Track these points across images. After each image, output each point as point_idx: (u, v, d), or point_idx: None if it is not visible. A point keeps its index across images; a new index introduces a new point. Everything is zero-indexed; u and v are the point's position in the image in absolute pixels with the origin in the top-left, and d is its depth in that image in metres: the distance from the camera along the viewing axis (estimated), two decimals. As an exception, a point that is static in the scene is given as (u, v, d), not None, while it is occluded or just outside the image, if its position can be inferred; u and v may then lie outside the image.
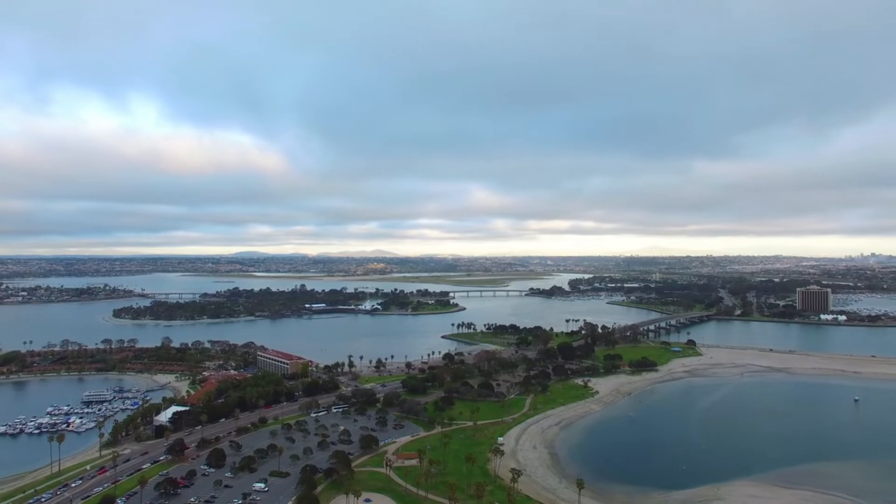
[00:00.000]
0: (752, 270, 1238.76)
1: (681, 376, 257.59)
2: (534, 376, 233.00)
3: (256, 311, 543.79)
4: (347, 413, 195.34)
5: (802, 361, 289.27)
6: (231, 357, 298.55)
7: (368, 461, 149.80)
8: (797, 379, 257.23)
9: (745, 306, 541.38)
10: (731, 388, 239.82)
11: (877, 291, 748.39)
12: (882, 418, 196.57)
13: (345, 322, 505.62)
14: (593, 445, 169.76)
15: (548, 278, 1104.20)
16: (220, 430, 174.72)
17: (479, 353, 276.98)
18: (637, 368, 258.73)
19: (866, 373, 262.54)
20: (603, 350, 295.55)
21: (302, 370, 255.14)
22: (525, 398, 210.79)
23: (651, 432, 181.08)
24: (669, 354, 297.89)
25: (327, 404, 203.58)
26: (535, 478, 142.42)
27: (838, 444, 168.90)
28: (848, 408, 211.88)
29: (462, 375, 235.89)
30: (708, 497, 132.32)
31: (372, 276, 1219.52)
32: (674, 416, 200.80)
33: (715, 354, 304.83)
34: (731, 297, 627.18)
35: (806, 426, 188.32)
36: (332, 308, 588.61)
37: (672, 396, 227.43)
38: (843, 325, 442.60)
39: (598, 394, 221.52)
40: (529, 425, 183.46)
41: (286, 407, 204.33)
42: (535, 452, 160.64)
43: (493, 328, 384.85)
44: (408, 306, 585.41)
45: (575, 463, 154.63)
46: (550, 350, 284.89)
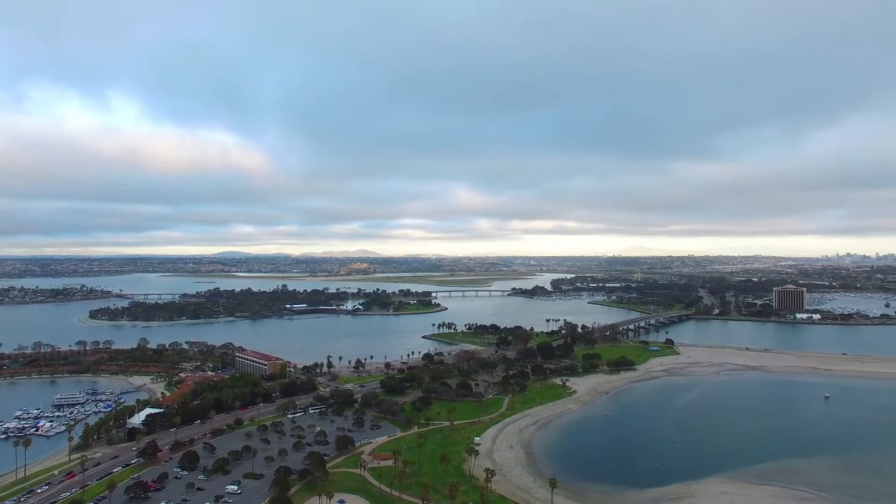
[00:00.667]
0: (731, 270, 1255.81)
1: (658, 375, 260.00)
2: (512, 376, 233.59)
3: (237, 312, 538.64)
4: (324, 414, 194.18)
5: (777, 360, 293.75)
6: (209, 358, 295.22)
7: (344, 462, 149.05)
8: (771, 377, 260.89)
9: (724, 305, 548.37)
10: (707, 386, 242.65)
11: (850, 290, 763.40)
12: (850, 414, 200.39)
13: (326, 322, 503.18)
14: (570, 445, 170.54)
15: (531, 278, 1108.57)
16: (195, 432, 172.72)
17: (458, 353, 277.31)
18: (615, 368, 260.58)
19: (837, 370, 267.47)
20: (582, 349, 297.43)
21: (280, 371, 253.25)
22: (503, 398, 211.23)
23: (627, 431, 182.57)
24: (648, 354, 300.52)
25: (304, 405, 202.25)
26: (511, 477, 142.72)
27: (808, 441, 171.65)
28: (819, 405, 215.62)
29: (441, 376, 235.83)
30: (681, 494, 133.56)
31: (355, 277, 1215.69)
32: (650, 414, 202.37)
33: (692, 353, 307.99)
34: (710, 297, 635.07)
35: (778, 423, 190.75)
36: (313, 308, 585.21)
37: (649, 395, 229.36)
38: (818, 324, 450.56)
39: (576, 393, 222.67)
40: (507, 425, 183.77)
41: (263, 408, 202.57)
42: (511, 452, 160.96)
43: (473, 328, 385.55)
44: (389, 306, 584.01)
45: (551, 462, 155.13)
46: (530, 350, 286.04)
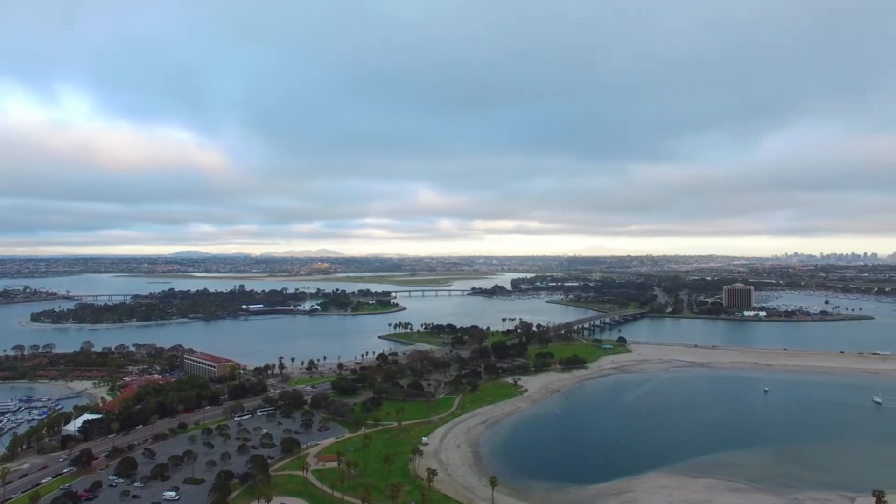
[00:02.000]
0: (687, 269, 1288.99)
1: (609, 373, 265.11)
2: (464, 375, 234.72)
3: (190, 313, 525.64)
4: (273, 416, 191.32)
5: (723, 356, 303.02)
6: (157, 361, 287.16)
7: (289, 464, 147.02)
8: (717, 372, 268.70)
9: (677, 304, 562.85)
10: (655, 383, 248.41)
11: (795, 288, 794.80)
12: (786, 407, 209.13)
13: (282, 323, 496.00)
14: (517, 443, 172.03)
15: (491, 278, 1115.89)
16: (136, 437, 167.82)
17: (411, 353, 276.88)
18: (567, 366, 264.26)
19: (777, 365, 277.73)
20: (536, 348, 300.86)
21: (230, 373, 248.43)
22: (454, 397, 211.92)
23: (575, 428, 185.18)
24: (600, 352, 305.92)
25: (253, 407, 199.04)
26: (456, 476, 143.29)
27: (745, 434, 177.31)
28: (758, 398, 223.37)
29: (393, 376, 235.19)
30: (621, 490, 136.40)
31: (315, 277, 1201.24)
32: (598, 411, 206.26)
33: (643, 351, 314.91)
34: (664, 296, 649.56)
35: (719, 417, 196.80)
36: (269, 309, 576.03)
37: (599, 393, 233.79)
38: (763, 321, 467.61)
39: (527, 392, 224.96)
40: (456, 424, 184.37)
41: (210, 411, 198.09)
42: (458, 451, 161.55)
43: (429, 328, 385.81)
44: (348, 307, 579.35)
45: (497, 461, 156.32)
46: (484, 349, 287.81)
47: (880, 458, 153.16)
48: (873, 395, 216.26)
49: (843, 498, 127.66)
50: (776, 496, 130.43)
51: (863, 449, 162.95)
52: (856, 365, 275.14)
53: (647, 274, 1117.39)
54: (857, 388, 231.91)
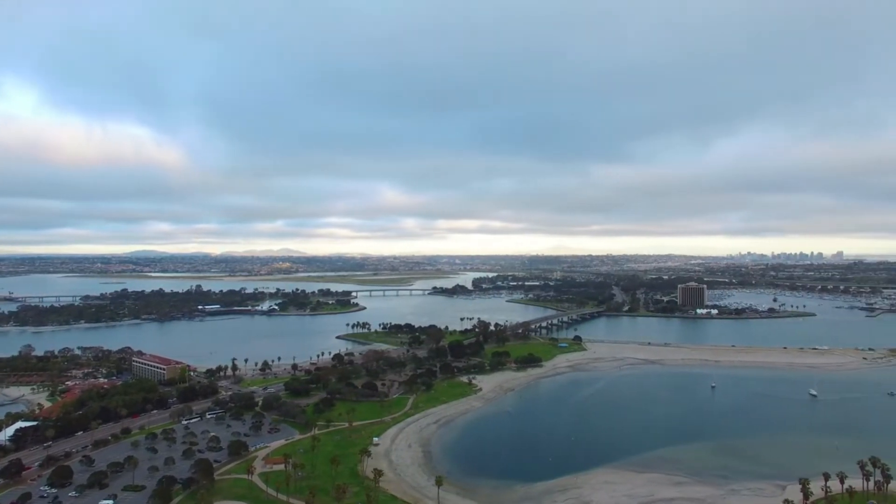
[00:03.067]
0: (645, 268, 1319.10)
1: (563, 371, 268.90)
2: (419, 375, 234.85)
3: (143, 314, 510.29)
4: (222, 418, 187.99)
5: (674, 353, 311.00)
6: (103, 364, 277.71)
7: (235, 468, 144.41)
8: (667, 369, 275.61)
9: (633, 302, 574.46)
10: (607, 380, 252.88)
11: (747, 287, 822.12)
12: (731, 402, 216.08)
13: (239, 323, 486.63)
14: (468, 442, 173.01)
15: (453, 277, 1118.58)
16: (74, 444, 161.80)
17: (366, 353, 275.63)
18: (522, 365, 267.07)
19: (725, 361, 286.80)
20: (492, 347, 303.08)
21: (180, 375, 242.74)
22: (408, 397, 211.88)
23: (526, 427, 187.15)
24: (556, 350, 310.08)
25: (202, 410, 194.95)
26: (405, 477, 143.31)
27: (691, 428, 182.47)
28: (706, 394, 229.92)
29: (348, 376, 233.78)
30: (567, 486, 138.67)
31: (276, 276, 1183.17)
32: (551, 410, 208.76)
33: (598, 349, 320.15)
34: (622, 294, 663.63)
35: (666, 413, 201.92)
36: (226, 309, 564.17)
37: (552, 391, 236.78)
38: (715, 319, 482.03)
39: (482, 391, 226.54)
40: (408, 424, 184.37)
41: (156, 415, 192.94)
42: (409, 451, 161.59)
43: (388, 328, 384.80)
44: (307, 307, 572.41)
45: (447, 460, 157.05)
46: (441, 349, 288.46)
47: (811, 448, 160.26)
48: (809, 388, 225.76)
49: (775, 486, 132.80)
50: (715, 488, 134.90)
51: (796, 440, 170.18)
52: (796, 360, 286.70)
53: (606, 273, 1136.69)
54: (795, 382, 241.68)
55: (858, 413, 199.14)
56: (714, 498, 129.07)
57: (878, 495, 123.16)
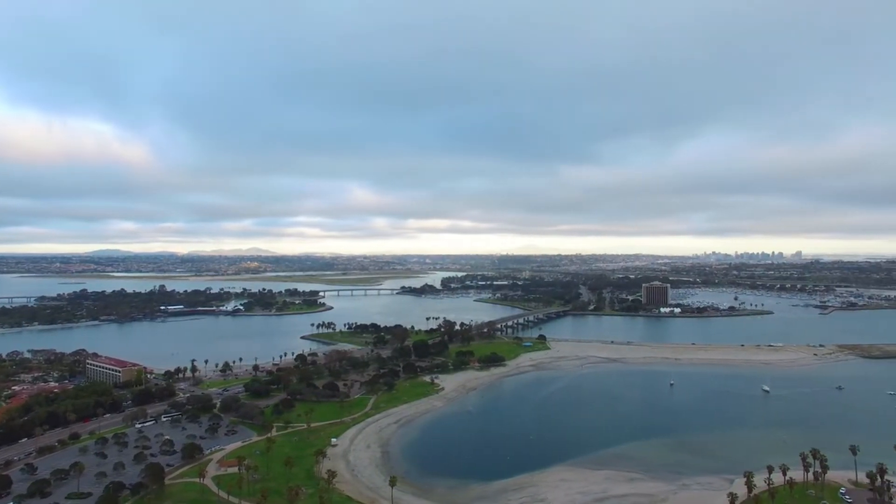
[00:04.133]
0: (613, 268, 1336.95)
1: (527, 370, 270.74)
2: (381, 375, 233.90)
3: (102, 315, 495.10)
4: (178, 421, 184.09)
5: (636, 351, 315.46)
6: (56, 367, 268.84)
7: (188, 472, 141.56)
8: (628, 367, 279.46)
9: (599, 301, 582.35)
10: (569, 379, 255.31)
11: (710, 286, 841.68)
12: (688, 399, 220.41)
13: (202, 324, 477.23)
14: (428, 442, 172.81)
15: (423, 277, 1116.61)
16: (16, 452, 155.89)
17: (329, 353, 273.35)
18: (486, 364, 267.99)
19: (684, 359, 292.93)
20: (457, 347, 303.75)
21: (136, 378, 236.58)
22: (370, 397, 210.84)
23: (486, 426, 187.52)
24: (520, 349, 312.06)
25: (157, 413, 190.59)
26: (362, 477, 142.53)
27: (647, 426, 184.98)
28: (664, 391, 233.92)
29: (310, 376, 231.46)
30: (524, 485, 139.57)
31: (244, 276, 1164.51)
32: (512, 408, 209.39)
33: (562, 348, 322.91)
34: (589, 294, 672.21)
35: (626, 411, 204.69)
36: (190, 310, 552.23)
37: (514, 390, 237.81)
38: (678, 317, 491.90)
39: (444, 390, 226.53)
40: (368, 425, 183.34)
41: (109, 419, 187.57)
42: (367, 452, 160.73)
43: (353, 327, 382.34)
44: (273, 307, 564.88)
45: (406, 460, 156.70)
46: (405, 348, 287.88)
47: (761, 442, 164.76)
48: (763, 384, 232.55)
49: (723, 480, 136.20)
50: (666, 483, 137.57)
51: (748, 434, 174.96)
52: (752, 356, 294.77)
53: (574, 273, 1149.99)
54: (750, 378, 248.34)
55: (807, 407, 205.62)
56: (665, 493, 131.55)
57: (816, 485, 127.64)
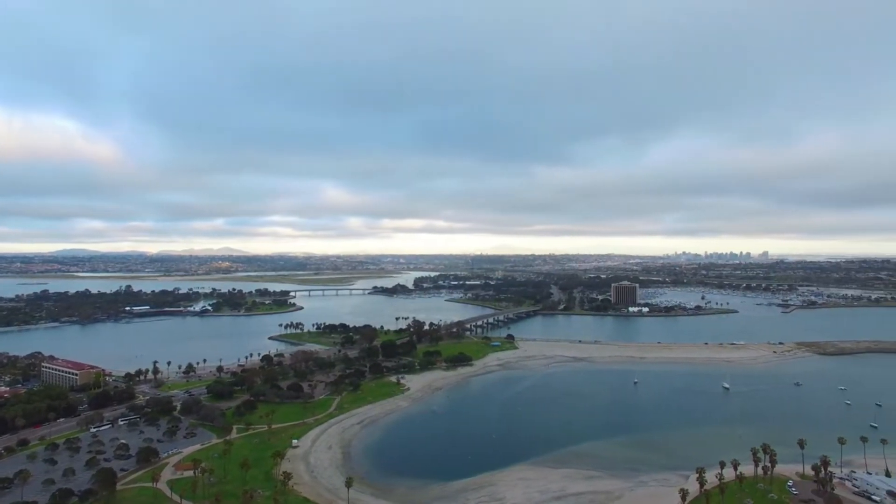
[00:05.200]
0: (585, 268, 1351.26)
1: (493, 370, 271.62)
2: (347, 375, 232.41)
3: (63, 317, 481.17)
4: (135, 424, 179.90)
5: (602, 350, 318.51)
6: (8, 371, 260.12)
7: (143, 476, 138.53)
8: (594, 366, 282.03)
9: (569, 301, 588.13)
10: (535, 378, 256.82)
11: (679, 285, 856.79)
12: (650, 397, 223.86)
13: (168, 325, 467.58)
14: (390, 442, 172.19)
15: (396, 276, 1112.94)
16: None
17: (295, 354, 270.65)
18: (453, 364, 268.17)
19: (650, 358, 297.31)
20: (425, 347, 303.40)
21: (94, 380, 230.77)
22: (334, 398, 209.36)
23: (450, 426, 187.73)
24: (488, 349, 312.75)
25: (114, 417, 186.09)
26: (321, 479, 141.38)
27: (610, 424, 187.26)
28: (628, 390, 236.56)
29: (275, 377, 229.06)
30: (483, 484, 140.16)
31: (214, 276, 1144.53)
32: (477, 408, 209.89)
33: (530, 347, 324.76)
34: (560, 293, 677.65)
35: (589, 410, 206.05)
36: (156, 310, 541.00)
37: (480, 389, 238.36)
38: (646, 316, 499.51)
39: (410, 390, 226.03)
40: (331, 425, 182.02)
41: (62, 424, 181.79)
42: (328, 453, 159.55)
43: (322, 328, 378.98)
44: (241, 307, 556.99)
45: (367, 461, 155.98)
46: (373, 348, 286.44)
47: (718, 438, 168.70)
48: (723, 381, 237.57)
49: (679, 477, 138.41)
50: (624, 481, 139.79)
51: (706, 431, 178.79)
52: (714, 354, 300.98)
53: (547, 272, 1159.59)
54: (711, 376, 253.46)
55: (764, 403, 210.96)
56: (621, 490, 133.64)
57: (765, 479, 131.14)
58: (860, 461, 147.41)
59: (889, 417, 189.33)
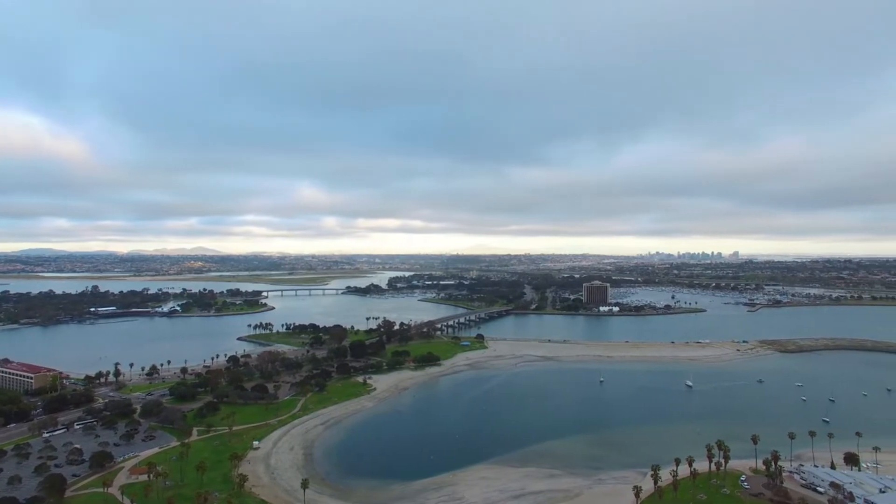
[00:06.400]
0: (560, 267, 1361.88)
1: (461, 369, 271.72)
2: (313, 376, 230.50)
3: (23, 318, 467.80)
4: (92, 428, 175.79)
5: (571, 350, 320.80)
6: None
7: (95, 482, 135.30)
8: (562, 365, 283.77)
9: (542, 301, 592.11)
10: (503, 378, 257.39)
11: (651, 285, 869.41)
12: (615, 395, 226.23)
13: (135, 326, 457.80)
14: (354, 443, 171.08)
15: (371, 276, 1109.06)
16: None
17: (261, 354, 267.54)
18: (421, 364, 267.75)
19: (616, 356, 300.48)
20: (394, 347, 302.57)
21: (51, 384, 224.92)
22: (299, 399, 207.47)
23: (414, 426, 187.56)
24: (457, 349, 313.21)
25: (70, 421, 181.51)
26: (280, 480, 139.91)
27: (574, 423, 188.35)
28: (594, 388, 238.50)
29: (240, 378, 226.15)
30: (444, 483, 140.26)
31: (186, 276, 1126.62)
32: (442, 408, 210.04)
33: (499, 347, 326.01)
34: (533, 293, 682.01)
35: (554, 408, 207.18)
36: (123, 311, 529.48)
37: (447, 389, 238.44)
38: (616, 315, 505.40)
39: (376, 390, 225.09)
40: (295, 426, 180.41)
41: (13, 430, 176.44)
42: (290, 454, 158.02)
43: (291, 328, 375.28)
44: (212, 307, 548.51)
45: (328, 462, 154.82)
46: (342, 348, 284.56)
47: (678, 436, 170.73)
48: (687, 379, 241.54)
49: (638, 474, 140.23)
50: (583, 478, 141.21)
51: (667, 429, 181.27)
52: (680, 353, 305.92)
53: (522, 272, 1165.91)
54: (676, 373, 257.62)
55: (725, 400, 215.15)
56: (580, 488, 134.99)
57: (719, 474, 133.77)
58: (810, 454, 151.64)
59: (840, 412, 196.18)
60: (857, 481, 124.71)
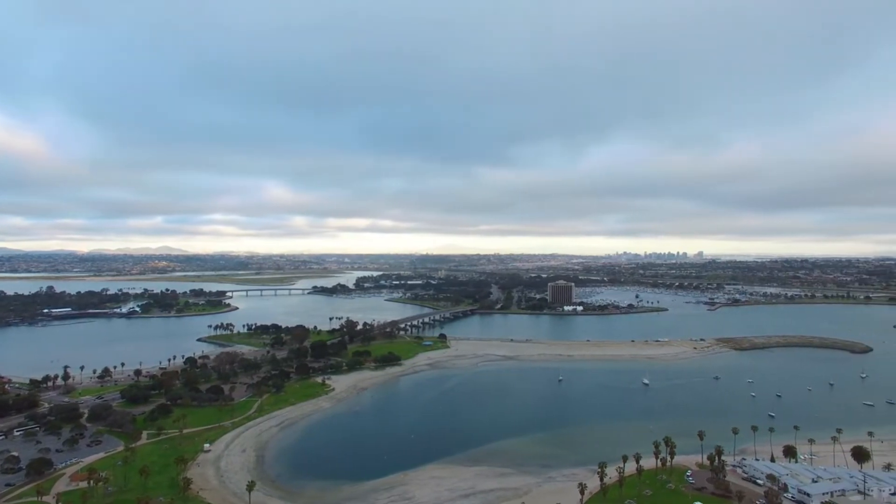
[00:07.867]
0: (528, 267, 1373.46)
1: (422, 369, 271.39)
2: (271, 377, 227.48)
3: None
4: (33, 434, 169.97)
5: (532, 349, 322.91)
6: None
7: (30, 490, 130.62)
8: (523, 365, 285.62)
9: (507, 300, 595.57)
10: (462, 377, 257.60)
11: (616, 284, 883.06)
12: (574, 393, 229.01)
13: (91, 328, 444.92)
14: (307, 444, 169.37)
15: (339, 276, 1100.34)
16: None
17: (219, 355, 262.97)
18: (381, 364, 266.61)
19: (577, 355, 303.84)
20: (355, 347, 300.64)
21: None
22: (255, 400, 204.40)
23: (370, 426, 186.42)
24: (419, 348, 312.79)
25: (10, 427, 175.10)
26: (230, 484, 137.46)
27: (529, 421, 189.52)
28: (553, 387, 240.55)
29: (195, 380, 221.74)
30: (395, 483, 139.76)
31: (149, 276, 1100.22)
32: (400, 408, 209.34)
33: (462, 347, 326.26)
34: (500, 292, 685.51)
35: (511, 407, 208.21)
36: (79, 312, 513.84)
37: (406, 389, 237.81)
38: (580, 315, 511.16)
39: (335, 391, 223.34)
40: (248, 428, 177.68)
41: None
42: (242, 456, 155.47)
43: (253, 328, 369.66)
44: (173, 308, 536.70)
45: (280, 463, 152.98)
46: (303, 349, 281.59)
47: (630, 433, 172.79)
48: (644, 377, 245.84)
49: (588, 471, 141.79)
50: (534, 477, 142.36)
51: (620, 426, 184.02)
52: (639, 352, 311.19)
53: (490, 272, 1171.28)
54: (634, 372, 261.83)
55: (680, 397, 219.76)
56: (529, 486, 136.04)
57: (666, 470, 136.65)
58: (753, 449, 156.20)
59: (785, 406, 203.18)
60: (793, 472, 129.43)
